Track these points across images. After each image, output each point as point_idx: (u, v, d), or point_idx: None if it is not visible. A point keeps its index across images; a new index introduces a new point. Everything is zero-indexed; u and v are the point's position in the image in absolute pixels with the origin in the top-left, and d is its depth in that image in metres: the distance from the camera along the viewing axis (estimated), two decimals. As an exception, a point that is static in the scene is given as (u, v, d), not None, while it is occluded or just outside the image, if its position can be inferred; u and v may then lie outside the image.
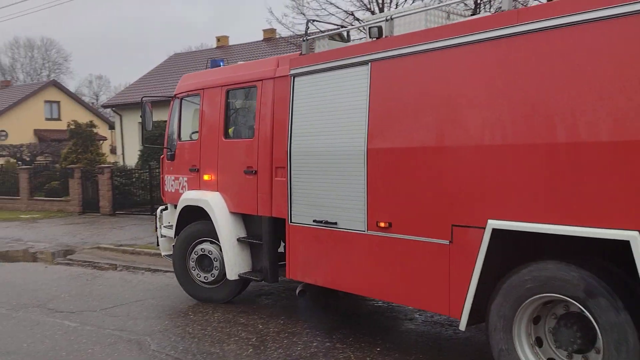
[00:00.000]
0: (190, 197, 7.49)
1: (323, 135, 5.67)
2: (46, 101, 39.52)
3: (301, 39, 6.83)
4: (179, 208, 7.62)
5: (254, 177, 6.75)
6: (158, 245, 8.52)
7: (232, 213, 7.05)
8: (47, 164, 27.17)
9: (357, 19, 15.51)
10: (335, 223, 5.57)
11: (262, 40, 29.14)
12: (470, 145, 4.43)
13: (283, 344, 5.87)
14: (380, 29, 5.24)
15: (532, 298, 4.09)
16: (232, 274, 6.95)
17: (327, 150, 5.64)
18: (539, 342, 4.26)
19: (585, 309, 3.81)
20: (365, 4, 15.50)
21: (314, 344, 5.83)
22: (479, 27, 4.40)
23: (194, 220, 7.44)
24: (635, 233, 3.48)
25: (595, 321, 3.75)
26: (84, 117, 30.90)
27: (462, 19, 5.20)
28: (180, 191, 7.79)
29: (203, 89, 7.52)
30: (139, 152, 21.96)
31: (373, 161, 5.19)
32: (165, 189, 8.27)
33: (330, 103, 5.62)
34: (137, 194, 19.09)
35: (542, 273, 4.02)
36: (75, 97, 43.74)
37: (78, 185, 19.82)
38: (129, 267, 10.50)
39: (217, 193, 7.20)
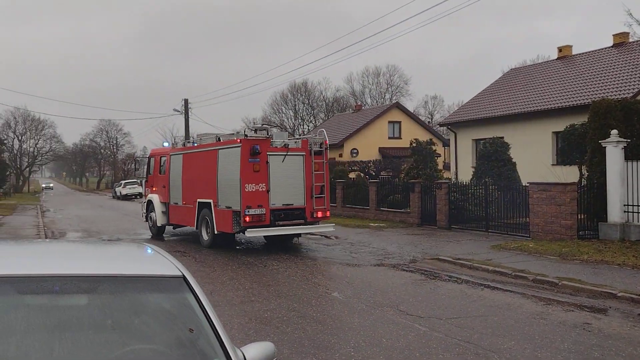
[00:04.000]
0: (149, 196, 19.37)
1: (176, 175, 17.67)
2: (389, 121, 42.99)
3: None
4: (146, 200, 19.64)
5: (164, 188, 18.29)
6: (142, 216, 20.29)
7: (161, 202, 18.45)
8: (389, 178, 29.29)
9: None
10: (177, 203, 17.48)
11: (612, 47, 27.29)
12: (195, 179, 16.49)
13: None
14: (185, 143, 18.30)
15: (204, 217, 15.79)
16: (159, 223, 18.49)
17: (175, 180, 17.66)
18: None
19: (210, 220, 15.54)
20: None
21: None
22: (192, 148, 17.25)
23: (150, 204, 19.18)
24: (211, 200, 15.31)
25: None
26: (421, 135, 33.25)
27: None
28: (147, 194, 19.79)
29: (154, 155, 19.96)
30: (472, 169, 22.80)
31: (184, 184, 17.15)
32: (144, 194, 20.43)
33: (176, 164, 17.71)
34: (472, 210, 18.90)
35: (203, 210, 15.85)
36: (414, 117, 46.16)
37: (418, 199, 20.81)
38: (467, 281, 10.63)
39: (156, 195, 18.75)
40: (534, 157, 23.70)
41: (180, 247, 15.85)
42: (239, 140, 14.27)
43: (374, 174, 33.02)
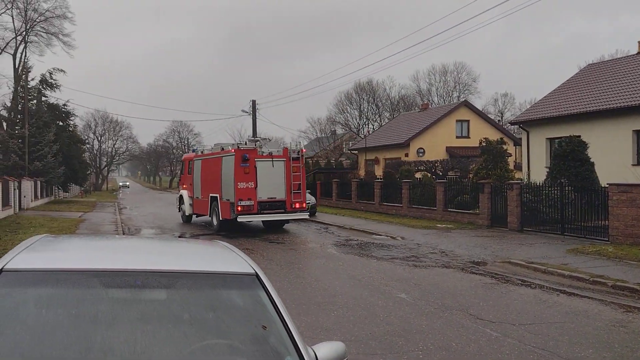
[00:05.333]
0: (180, 192, 25.11)
1: (197, 175, 22.91)
2: (457, 120, 41.95)
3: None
4: (178, 195, 25.49)
5: (191, 186, 23.52)
6: (176, 207, 26.12)
7: (189, 196, 23.70)
8: (456, 178, 28.61)
9: None
10: (198, 197, 22.61)
11: None
12: (208, 178, 21.47)
13: None
14: (203, 150, 23.34)
15: (214, 208, 20.58)
16: (187, 213, 23.90)
17: (197, 179, 22.87)
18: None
19: (217, 210, 20.52)
20: None
21: None
22: (206, 155, 22.66)
23: (182, 198, 24.76)
24: (218, 195, 20.20)
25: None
26: (490, 134, 31.85)
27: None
28: (180, 190, 25.50)
29: (185, 160, 25.67)
30: (546, 169, 21.79)
31: (202, 182, 22.27)
32: (178, 190, 26.31)
33: (198, 167, 22.89)
34: (546, 212, 18.06)
35: (213, 202, 20.80)
36: (483, 116, 44.86)
37: (487, 200, 20.32)
38: (542, 286, 10.27)
39: (186, 191, 24.28)
40: (613, 156, 22.52)
41: (248, 245, 16.15)
42: (233, 150, 19.29)
43: (441, 174, 32.44)
